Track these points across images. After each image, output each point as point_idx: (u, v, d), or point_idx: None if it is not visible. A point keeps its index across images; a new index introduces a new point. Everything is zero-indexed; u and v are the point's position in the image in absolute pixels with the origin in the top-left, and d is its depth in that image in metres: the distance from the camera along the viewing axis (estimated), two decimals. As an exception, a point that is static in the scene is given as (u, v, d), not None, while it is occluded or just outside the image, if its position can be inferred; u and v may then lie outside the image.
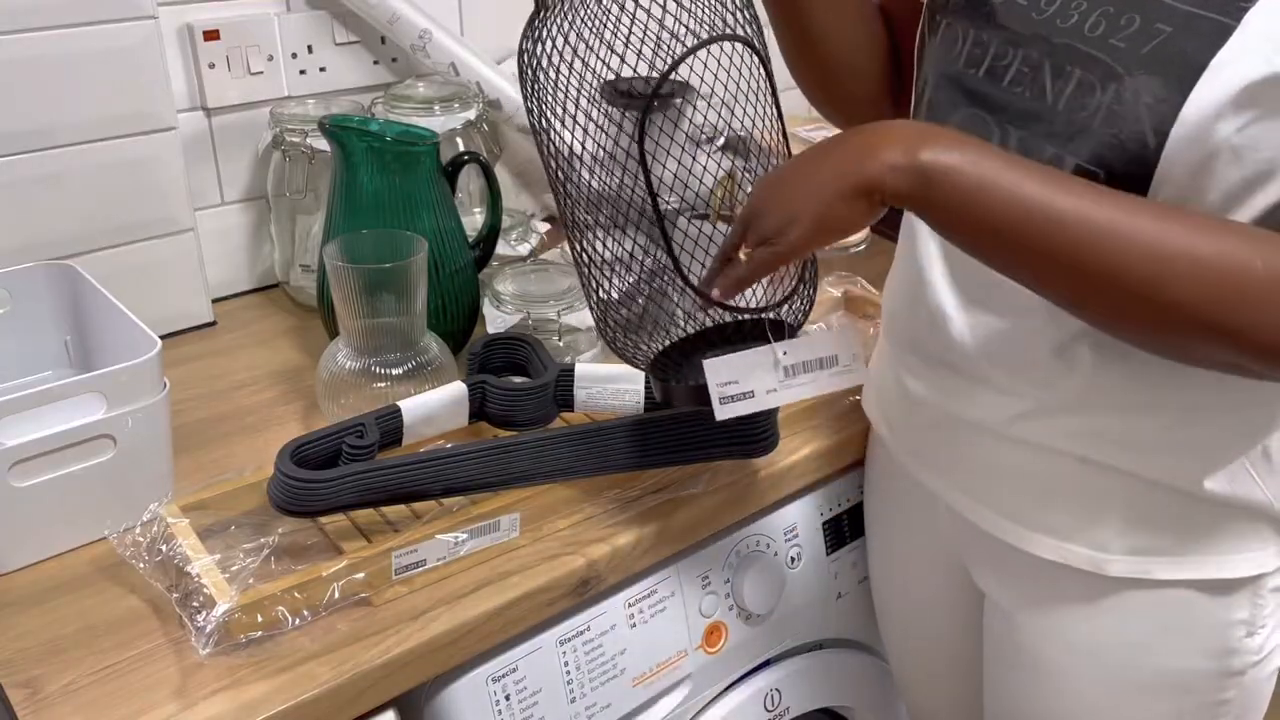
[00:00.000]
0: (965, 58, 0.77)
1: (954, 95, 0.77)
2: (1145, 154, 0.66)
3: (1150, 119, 0.66)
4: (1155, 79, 0.66)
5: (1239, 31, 0.63)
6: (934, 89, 0.80)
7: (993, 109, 0.75)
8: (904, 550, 1.01)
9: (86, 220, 1.10)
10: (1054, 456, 0.80)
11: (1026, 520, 0.83)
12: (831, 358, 0.78)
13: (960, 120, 0.77)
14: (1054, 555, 0.82)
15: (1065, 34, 0.71)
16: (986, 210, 0.65)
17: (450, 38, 1.24)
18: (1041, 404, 0.79)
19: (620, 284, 0.80)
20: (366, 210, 1.02)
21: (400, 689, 0.78)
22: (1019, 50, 0.73)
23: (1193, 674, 0.82)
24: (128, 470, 0.85)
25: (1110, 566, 0.80)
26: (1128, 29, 0.68)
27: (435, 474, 0.82)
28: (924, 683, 1.08)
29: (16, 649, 0.77)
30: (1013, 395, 0.80)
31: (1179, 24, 0.65)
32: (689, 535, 0.94)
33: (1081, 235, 0.64)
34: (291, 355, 1.15)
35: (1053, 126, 0.71)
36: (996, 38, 0.75)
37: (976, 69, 0.76)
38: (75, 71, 1.04)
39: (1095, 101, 0.68)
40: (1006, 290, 0.74)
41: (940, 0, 0.80)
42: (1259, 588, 0.80)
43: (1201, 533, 0.78)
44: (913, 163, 0.66)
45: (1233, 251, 0.63)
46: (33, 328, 0.99)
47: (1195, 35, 0.64)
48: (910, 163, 0.66)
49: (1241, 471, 0.77)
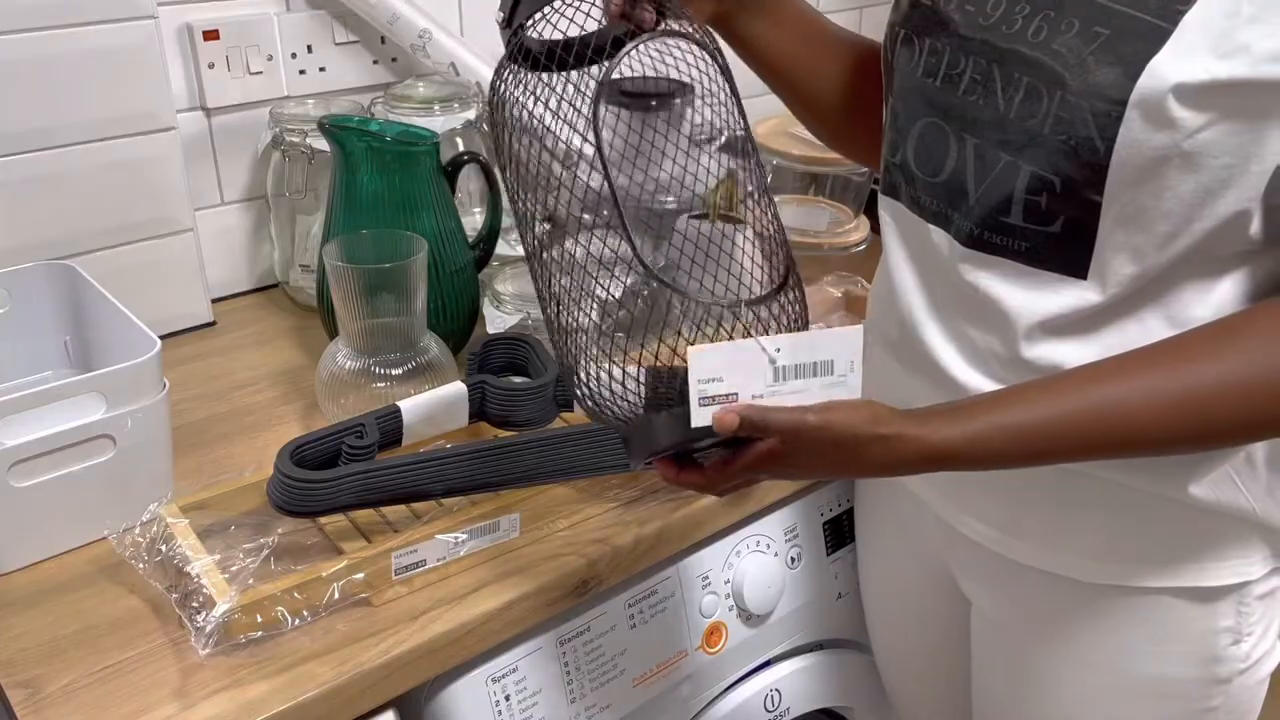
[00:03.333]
0: (923, 67, 0.77)
1: (915, 105, 0.78)
2: (1095, 160, 0.66)
3: (1096, 124, 0.66)
4: (1098, 84, 0.66)
5: (1175, 35, 0.63)
6: (897, 99, 0.80)
7: (949, 117, 0.75)
8: (892, 555, 1.01)
9: (86, 220, 1.09)
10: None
11: (1009, 527, 0.83)
12: (828, 363, 0.69)
13: (920, 129, 0.77)
14: (1037, 562, 0.82)
15: (1011, 39, 0.71)
16: (1015, 457, 0.69)
17: (450, 38, 1.24)
18: None
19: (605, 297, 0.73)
20: (366, 210, 1.02)
21: (400, 689, 0.78)
22: (970, 57, 0.73)
23: (1178, 681, 0.82)
24: (128, 470, 0.85)
25: (1094, 574, 0.80)
26: (1068, 33, 0.68)
27: (435, 474, 0.82)
28: (912, 689, 1.08)
29: (16, 649, 0.77)
30: None
31: (1116, 27, 0.65)
32: (689, 535, 0.94)
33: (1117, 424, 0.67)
34: (291, 355, 1.15)
35: (1005, 134, 0.71)
36: (949, 45, 0.75)
37: (934, 78, 0.76)
38: (75, 71, 1.04)
39: (1044, 108, 0.68)
40: (977, 299, 0.74)
41: (900, 14, 0.80)
42: (1244, 595, 0.80)
43: (1185, 540, 0.78)
44: (927, 465, 0.68)
45: (1264, 363, 0.65)
46: (32, 328, 0.99)
47: (1133, 38, 0.64)
48: (925, 466, 0.69)
49: (1226, 479, 0.76)
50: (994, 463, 0.69)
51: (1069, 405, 0.67)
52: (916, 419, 0.67)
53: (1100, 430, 0.67)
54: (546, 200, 0.70)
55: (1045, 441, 0.67)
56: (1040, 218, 0.71)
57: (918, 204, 0.79)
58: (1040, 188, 0.70)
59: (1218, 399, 0.65)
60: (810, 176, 1.34)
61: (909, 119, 0.79)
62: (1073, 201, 0.69)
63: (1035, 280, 0.73)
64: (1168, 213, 0.67)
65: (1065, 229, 0.70)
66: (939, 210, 0.77)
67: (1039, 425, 0.67)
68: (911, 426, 0.67)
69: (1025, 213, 0.71)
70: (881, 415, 0.67)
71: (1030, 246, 0.72)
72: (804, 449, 0.67)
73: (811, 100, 0.94)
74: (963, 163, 0.74)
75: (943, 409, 0.70)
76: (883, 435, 0.66)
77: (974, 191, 0.74)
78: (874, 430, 0.66)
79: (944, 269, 0.78)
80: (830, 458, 0.68)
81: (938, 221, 0.78)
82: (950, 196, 0.76)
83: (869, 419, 0.66)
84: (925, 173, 0.78)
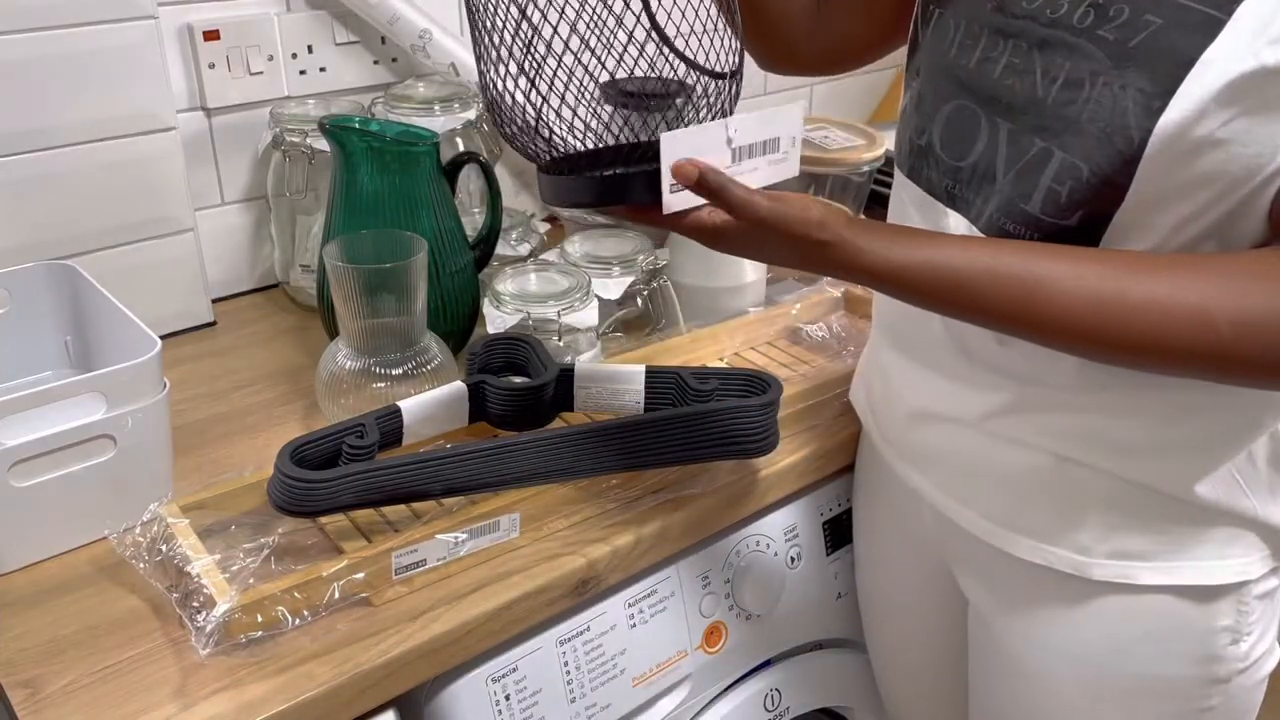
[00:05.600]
0: (957, 48, 0.76)
1: (945, 87, 0.77)
2: (1130, 149, 0.66)
3: (1136, 114, 0.65)
4: (1143, 73, 0.65)
5: (1230, 26, 0.62)
6: (924, 81, 0.80)
7: (982, 101, 0.74)
8: (889, 550, 1.01)
9: (86, 220, 1.10)
10: (1034, 455, 0.80)
11: (1007, 521, 0.83)
12: (774, 140, 0.73)
13: (949, 111, 0.77)
14: (1035, 557, 0.82)
15: (1054, 25, 0.70)
16: (935, 299, 0.71)
17: (450, 38, 1.24)
18: (1021, 400, 0.78)
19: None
20: (366, 210, 1.02)
21: (400, 689, 0.78)
22: (1009, 41, 0.73)
23: (1176, 680, 0.82)
24: (128, 470, 0.85)
25: (1092, 570, 0.80)
26: (1116, 20, 0.67)
27: (435, 474, 0.82)
28: (908, 687, 1.08)
29: (16, 649, 0.77)
30: (990, 390, 0.80)
31: (1169, 16, 0.65)
32: (689, 535, 0.94)
33: (1053, 290, 0.68)
34: (291, 355, 1.15)
35: (1042, 120, 0.71)
36: (988, 28, 0.74)
37: (968, 60, 0.75)
38: (75, 71, 1.04)
39: (1084, 95, 0.68)
40: None
41: None
42: (1244, 594, 0.80)
43: (1185, 538, 0.78)
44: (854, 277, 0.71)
45: (1189, 295, 0.65)
46: (33, 328, 0.99)
47: (1185, 29, 0.64)
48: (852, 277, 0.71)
49: (1227, 476, 0.76)
50: (914, 297, 0.71)
51: (1003, 267, 0.68)
52: (859, 231, 0.71)
53: (1024, 300, 0.68)
54: None
55: (968, 293, 0.69)
56: (1058, 212, 0.71)
57: (936, 186, 0.79)
58: (1067, 177, 0.69)
59: (1140, 309, 0.65)
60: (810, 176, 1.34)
61: (937, 100, 0.78)
62: (1096, 191, 0.68)
63: None
64: (1190, 197, 0.67)
65: (1081, 222, 0.70)
66: (958, 194, 0.77)
67: (969, 275, 0.69)
68: (851, 236, 0.70)
69: (1044, 203, 0.71)
70: (827, 219, 0.70)
71: (1043, 237, 0.72)
72: (746, 232, 0.70)
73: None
74: (993, 147, 0.74)
75: (889, 229, 0.72)
76: (821, 240, 0.70)
77: (1003, 176, 0.73)
78: (814, 233, 0.70)
79: None
80: (770, 244, 0.71)
81: (955, 205, 0.78)
82: (974, 180, 0.76)
83: (815, 221, 0.70)
84: (950, 156, 0.78)
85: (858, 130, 1.40)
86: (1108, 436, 0.77)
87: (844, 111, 1.73)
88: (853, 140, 1.37)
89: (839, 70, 0.98)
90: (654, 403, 0.95)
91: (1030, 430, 0.79)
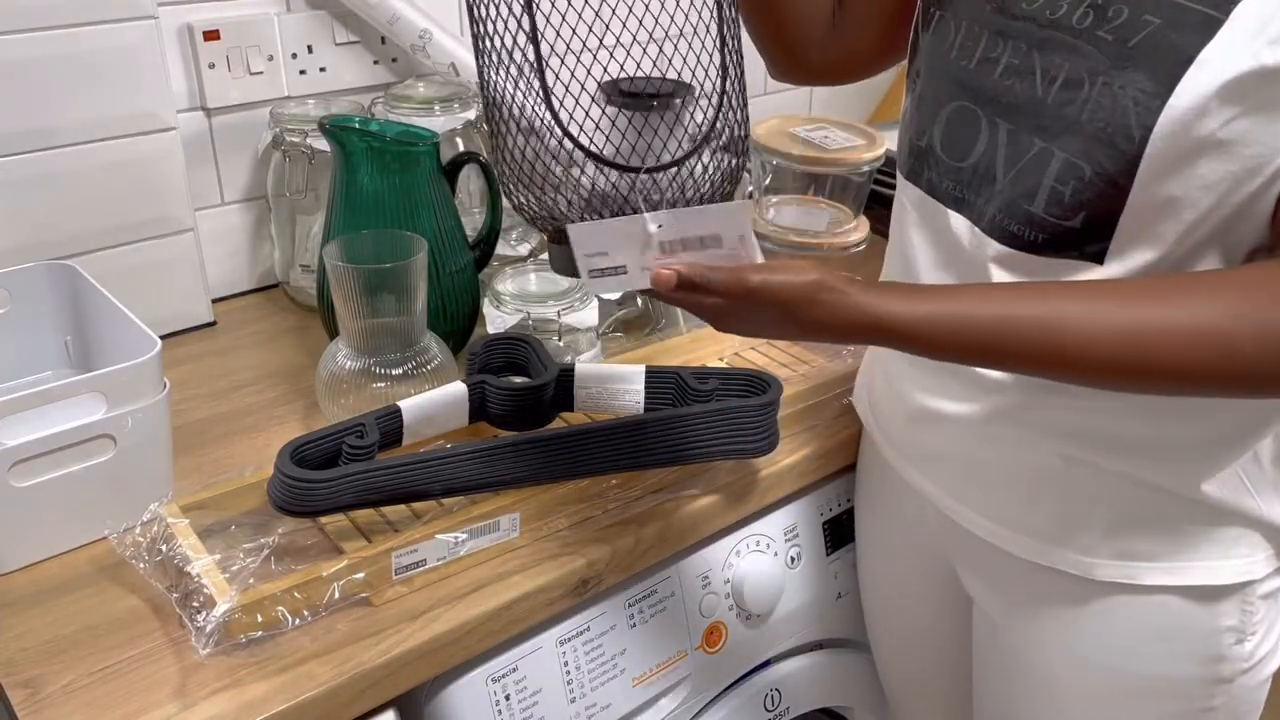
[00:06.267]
0: (958, 49, 0.76)
1: (946, 88, 0.77)
2: (1131, 149, 0.66)
3: (1135, 113, 0.66)
4: (1142, 73, 0.65)
5: (1227, 25, 0.63)
6: (925, 83, 0.80)
7: (983, 102, 0.75)
8: (893, 553, 1.01)
9: (86, 220, 1.10)
10: (1038, 455, 0.80)
11: (1011, 522, 0.83)
12: (714, 237, 0.68)
13: (950, 113, 0.77)
14: (1039, 558, 0.82)
15: (1053, 25, 0.70)
16: (955, 350, 0.68)
17: (450, 38, 1.24)
18: (1025, 400, 0.78)
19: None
20: (366, 210, 1.02)
21: (400, 689, 0.78)
22: (1009, 42, 0.73)
23: (1180, 680, 0.82)
24: (128, 470, 0.85)
25: (1096, 571, 0.80)
26: (1115, 20, 0.67)
27: (435, 474, 0.82)
28: (912, 687, 1.08)
29: (16, 649, 0.77)
30: (994, 390, 0.80)
31: (1167, 16, 0.65)
32: (689, 535, 0.94)
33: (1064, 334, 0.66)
34: (291, 355, 1.15)
35: (1041, 120, 0.71)
36: (988, 29, 0.75)
37: (969, 61, 0.76)
38: (75, 71, 1.04)
39: (1083, 95, 0.68)
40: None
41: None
42: (1248, 594, 0.80)
43: (1190, 538, 0.78)
44: (868, 334, 0.68)
45: (1209, 318, 0.64)
46: (33, 328, 0.99)
47: (1183, 28, 0.64)
48: (866, 334, 0.68)
49: (1232, 476, 0.76)
50: (932, 349, 0.68)
51: (1020, 311, 0.67)
52: (867, 288, 0.68)
53: (1044, 341, 0.66)
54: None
55: (988, 340, 0.67)
56: (1061, 211, 0.71)
57: (938, 188, 0.79)
58: (1069, 176, 0.69)
59: (1162, 339, 0.64)
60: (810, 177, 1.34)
61: (937, 102, 0.78)
62: (1099, 191, 0.69)
63: (1053, 268, 0.73)
64: (1194, 201, 0.67)
65: (1085, 223, 0.70)
66: (960, 195, 0.77)
67: (986, 323, 0.67)
68: (859, 292, 0.67)
69: (1047, 203, 0.71)
70: (828, 279, 0.67)
71: (1048, 237, 0.72)
72: (742, 309, 0.68)
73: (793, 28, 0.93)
74: (993, 147, 0.74)
75: (896, 286, 0.70)
76: (823, 300, 0.67)
77: (1003, 176, 0.74)
78: (817, 294, 0.67)
79: (964, 255, 0.78)
80: (772, 316, 0.68)
81: (958, 207, 0.78)
82: (975, 181, 0.76)
83: (814, 282, 0.67)
84: (951, 157, 0.78)
85: (858, 130, 1.40)
86: (1113, 436, 0.77)
87: (844, 111, 1.73)
88: (853, 140, 1.37)
89: (845, 80, 0.98)
90: (654, 403, 0.95)
91: (1034, 430, 0.79)
